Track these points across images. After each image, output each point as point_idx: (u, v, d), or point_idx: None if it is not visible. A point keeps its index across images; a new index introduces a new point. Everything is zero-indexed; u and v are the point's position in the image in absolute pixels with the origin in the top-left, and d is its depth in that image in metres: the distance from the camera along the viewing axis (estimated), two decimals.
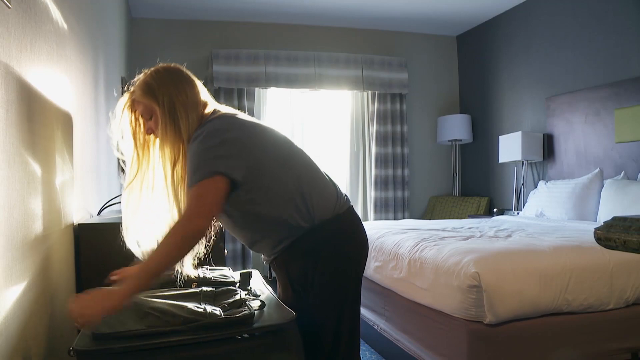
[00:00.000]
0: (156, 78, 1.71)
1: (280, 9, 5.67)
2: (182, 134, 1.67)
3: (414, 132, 6.62)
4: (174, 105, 1.67)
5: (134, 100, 1.74)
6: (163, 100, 1.67)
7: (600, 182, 4.21)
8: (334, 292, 1.72)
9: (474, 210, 6.01)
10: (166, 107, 1.67)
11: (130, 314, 1.31)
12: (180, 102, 1.68)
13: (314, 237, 1.70)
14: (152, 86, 1.69)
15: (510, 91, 5.83)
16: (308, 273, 1.70)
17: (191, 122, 1.68)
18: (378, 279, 3.42)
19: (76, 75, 2.31)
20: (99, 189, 2.95)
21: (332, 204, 1.75)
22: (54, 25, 1.85)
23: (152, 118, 1.71)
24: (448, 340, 2.63)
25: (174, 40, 5.84)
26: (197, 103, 1.73)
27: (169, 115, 1.67)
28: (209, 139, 1.61)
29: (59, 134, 1.87)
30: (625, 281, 2.68)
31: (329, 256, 1.71)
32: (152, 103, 1.69)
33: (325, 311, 1.72)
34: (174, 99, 1.68)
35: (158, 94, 1.68)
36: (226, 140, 1.62)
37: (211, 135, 1.61)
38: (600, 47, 4.56)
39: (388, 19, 6.14)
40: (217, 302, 1.42)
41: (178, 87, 1.71)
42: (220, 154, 1.60)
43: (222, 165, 1.58)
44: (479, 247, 2.79)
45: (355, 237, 1.82)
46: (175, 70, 1.76)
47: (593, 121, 4.56)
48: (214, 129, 1.63)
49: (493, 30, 6.10)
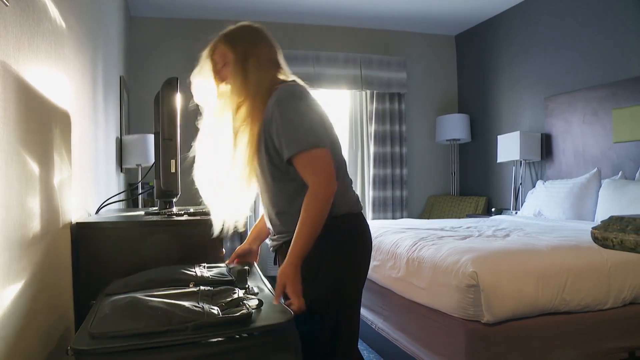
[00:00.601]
0: (237, 30, 1.85)
1: (279, 7, 5.67)
2: (249, 85, 1.76)
3: (412, 132, 6.62)
4: (247, 57, 1.78)
5: (215, 46, 1.85)
6: (239, 50, 1.79)
7: (598, 182, 4.22)
8: (339, 282, 1.74)
9: (472, 210, 6.02)
10: (240, 57, 1.78)
11: (128, 313, 1.31)
12: (255, 56, 1.79)
13: (332, 226, 1.71)
14: (233, 35, 1.83)
15: (509, 91, 5.83)
16: (317, 259, 1.71)
17: (262, 76, 1.78)
18: (376, 278, 3.43)
19: (74, 74, 2.31)
20: (97, 188, 2.94)
21: (353, 201, 1.83)
22: (52, 24, 1.84)
23: (225, 65, 1.82)
24: (446, 339, 2.63)
25: (172, 39, 5.84)
26: (271, 62, 1.84)
27: (241, 65, 1.78)
28: (307, 106, 1.72)
29: (57, 133, 1.87)
30: (622, 281, 2.69)
31: (342, 247, 1.75)
32: (228, 50, 1.80)
33: (328, 299, 1.73)
34: (249, 52, 1.79)
35: (236, 43, 1.80)
36: (320, 112, 1.76)
37: (307, 103, 1.73)
38: (599, 47, 4.56)
39: (387, 19, 6.15)
40: (214, 301, 1.42)
41: (256, 42, 1.83)
42: (322, 125, 1.73)
43: (327, 138, 1.72)
44: (477, 247, 2.80)
45: (366, 238, 1.85)
46: (257, 28, 1.88)
47: (591, 121, 4.57)
48: (304, 97, 1.74)
49: (492, 30, 6.10)
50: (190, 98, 1.94)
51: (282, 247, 1.83)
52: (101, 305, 1.41)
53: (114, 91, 3.94)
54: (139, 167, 4.45)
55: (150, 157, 4.17)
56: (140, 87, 5.51)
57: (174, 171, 2.18)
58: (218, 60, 1.84)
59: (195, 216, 2.17)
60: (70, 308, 2.04)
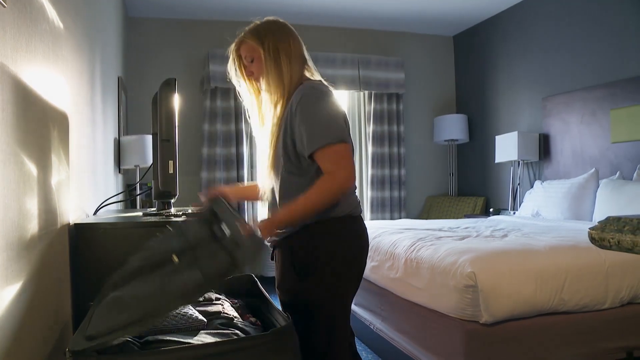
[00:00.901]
0: (264, 24, 1.86)
1: (277, 8, 5.68)
2: (284, 78, 1.78)
3: (410, 132, 6.62)
4: (277, 50, 1.79)
5: (242, 41, 1.86)
6: (268, 44, 1.80)
7: (596, 182, 4.22)
8: (335, 281, 1.74)
9: (470, 210, 6.02)
10: (270, 51, 1.79)
11: (112, 308, 1.30)
12: (284, 49, 1.80)
13: (331, 227, 1.75)
14: (259, 30, 1.83)
15: (507, 91, 5.84)
16: (313, 257, 1.73)
17: (293, 71, 1.80)
18: (374, 279, 3.43)
19: (72, 75, 2.30)
20: (95, 189, 2.94)
21: (355, 205, 1.83)
22: (50, 25, 1.84)
23: (253, 61, 1.83)
24: (444, 339, 2.64)
25: (171, 39, 5.84)
26: (299, 56, 1.85)
27: (273, 59, 1.79)
28: (332, 103, 1.74)
29: (54, 134, 1.87)
30: (620, 281, 2.69)
31: (339, 247, 1.76)
32: (256, 45, 1.81)
33: (323, 297, 1.73)
34: (278, 45, 1.80)
35: (264, 38, 1.81)
36: (343, 113, 1.78)
37: (332, 100, 1.75)
38: (596, 48, 4.57)
39: (385, 19, 6.15)
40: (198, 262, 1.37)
41: (283, 36, 1.83)
42: (343, 123, 1.75)
43: (346, 135, 1.73)
44: (475, 247, 2.80)
45: (363, 240, 1.85)
46: (283, 24, 1.90)
47: (589, 121, 4.57)
48: (329, 95, 1.76)
49: (490, 31, 6.11)
50: (184, 99, 1.94)
51: (280, 244, 1.84)
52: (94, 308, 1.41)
53: (112, 92, 3.94)
54: (137, 168, 4.45)
55: (149, 158, 4.16)
56: (138, 87, 5.51)
57: (172, 172, 2.17)
58: (246, 55, 1.85)
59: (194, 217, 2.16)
60: (68, 309, 2.04)
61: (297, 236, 1.76)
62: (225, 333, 1.33)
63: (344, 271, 1.77)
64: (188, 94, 5.58)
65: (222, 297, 1.67)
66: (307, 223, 1.73)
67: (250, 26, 1.87)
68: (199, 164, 5.73)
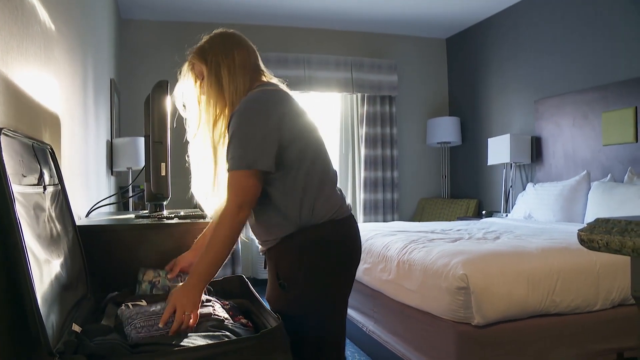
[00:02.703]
0: (209, 41, 1.81)
1: (270, 11, 5.68)
2: (225, 93, 1.74)
3: (403, 135, 6.64)
4: (219, 66, 1.74)
5: (192, 61, 1.82)
6: (210, 61, 1.75)
7: (588, 184, 4.25)
8: (319, 290, 1.69)
9: (463, 212, 6.04)
10: (212, 68, 1.75)
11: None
12: (226, 65, 1.75)
13: (310, 235, 1.68)
14: (203, 48, 1.80)
15: (499, 94, 5.86)
16: (294, 268, 1.68)
17: (237, 83, 1.74)
18: (367, 281, 3.43)
19: (64, 77, 2.30)
20: (87, 191, 2.93)
21: (336, 208, 1.73)
22: (42, 27, 1.84)
23: (203, 79, 1.79)
24: (436, 341, 2.64)
25: (164, 41, 5.83)
26: (245, 67, 1.78)
27: (214, 75, 1.75)
28: (266, 118, 1.64)
29: (46, 136, 1.87)
30: (611, 282, 2.71)
31: (320, 255, 1.69)
32: (201, 64, 1.78)
33: (308, 306, 1.69)
34: (220, 61, 1.75)
35: (207, 55, 1.77)
36: (275, 126, 1.64)
37: (268, 113, 1.65)
38: (588, 51, 4.60)
39: (378, 22, 6.17)
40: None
41: (227, 50, 1.77)
42: (262, 143, 1.62)
43: (265, 158, 1.62)
44: (467, 249, 2.81)
45: (348, 244, 1.78)
46: (228, 35, 1.83)
47: (581, 124, 4.60)
48: (269, 104, 1.67)
49: (482, 33, 6.14)
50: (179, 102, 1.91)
51: (266, 254, 1.81)
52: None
53: (104, 94, 3.93)
54: (129, 170, 4.44)
55: (141, 160, 4.15)
56: (131, 89, 5.50)
57: (164, 174, 2.17)
58: (198, 74, 1.82)
59: (186, 219, 2.16)
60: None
61: (279, 248, 1.72)
62: (216, 335, 1.33)
63: (331, 281, 1.71)
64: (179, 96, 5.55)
65: (212, 298, 1.67)
66: (285, 235, 1.68)
67: (198, 44, 1.83)
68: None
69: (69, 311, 1.40)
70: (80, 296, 1.59)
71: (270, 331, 1.31)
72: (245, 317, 1.61)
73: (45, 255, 1.28)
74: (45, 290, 1.20)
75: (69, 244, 1.59)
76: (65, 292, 1.40)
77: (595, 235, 0.82)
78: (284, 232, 1.69)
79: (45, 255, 1.28)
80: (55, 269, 1.33)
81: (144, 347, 1.24)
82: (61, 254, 1.44)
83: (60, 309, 1.31)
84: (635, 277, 0.80)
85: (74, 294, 1.51)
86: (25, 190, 1.28)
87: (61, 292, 1.34)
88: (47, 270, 1.27)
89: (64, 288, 1.39)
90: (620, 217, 0.82)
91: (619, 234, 0.78)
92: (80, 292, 1.61)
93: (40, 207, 1.38)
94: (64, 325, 1.31)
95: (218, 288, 1.90)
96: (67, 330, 1.29)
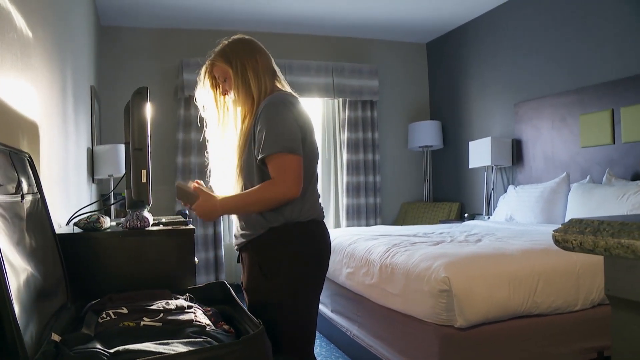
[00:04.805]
0: (230, 45, 1.98)
1: (251, 16, 5.68)
2: (253, 93, 1.92)
3: (384, 139, 6.67)
4: (245, 68, 1.92)
5: (212, 64, 1.99)
6: (235, 64, 1.93)
7: (567, 186, 4.30)
8: (298, 280, 1.85)
9: (445, 216, 6.08)
10: (238, 70, 1.92)
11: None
12: (251, 67, 1.93)
13: (297, 229, 1.86)
14: (226, 52, 1.96)
15: (480, 97, 5.91)
16: (279, 257, 1.85)
17: (262, 84, 1.93)
18: (350, 285, 3.44)
19: (42, 84, 2.28)
20: (67, 200, 2.91)
21: (319, 212, 1.95)
22: (18, 34, 1.82)
23: (226, 80, 1.97)
24: (420, 344, 2.65)
25: (144, 48, 5.81)
26: (267, 69, 1.98)
27: (241, 76, 1.92)
28: (293, 114, 1.84)
29: (24, 144, 1.85)
30: (591, 282, 2.74)
31: (303, 248, 1.87)
32: (225, 66, 1.94)
33: (286, 294, 1.83)
34: (245, 63, 1.93)
35: (231, 58, 1.94)
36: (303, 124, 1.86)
37: (294, 111, 1.85)
38: (566, 54, 4.66)
39: (358, 27, 6.19)
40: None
41: (249, 53, 1.95)
42: (301, 136, 1.83)
43: (299, 147, 1.81)
44: (449, 252, 2.83)
45: (326, 242, 1.97)
46: (249, 40, 2.01)
47: (559, 126, 4.65)
48: (293, 105, 1.87)
49: (462, 38, 6.19)
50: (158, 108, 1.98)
51: (246, 246, 1.93)
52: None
53: (84, 101, 3.90)
54: (111, 178, 4.41)
55: (122, 168, 4.13)
56: (111, 97, 5.47)
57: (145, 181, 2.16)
58: (218, 75, 1.98)
59: (168, 226, 2.16)
60: None
61: (263, 238, 1.87)
62: (197, 342, 1.32)
63: (308, 272, 1.89)
64: (162, 102, 5.55)
65: (194, 305, 1.66)
66: (273, 226, 1.84)
67: (218, 48, 1.99)
68: (174, 173, 5.69)
69: (48, 320, 1.39)
70: (60, 305, 1.58)
71: (252, 337, 1.31)
72: (227, 323, 1.61)
73: (23, 264, 1.27)
74: (23, 300, 1.19)
75: (49, 253, 1.58)
76: (45, 301, 1.38)
77: (569, 236, 0.84)
78: (272, 223, 1.85)
79: (24, 264, 1.27)
80: (33, 278, 1.32)
81: (123, 355, 1.23)
82: (40, 263, 1.43)
83: (39, 318, 1.30)
84: (608, 276, 0.82)
85: (54, 303, 1.50)
86: (3, 199, 1.26)
87: (40, 301, 1.33)
88: (25, 279, 1.26)
89: (43, 297, 1.38)
90: (593, 217, 0.84)
91: (592, 234, 0.79)
92: (60, 300, 1.60)
93: (19, 215, 1.36)
94: (43, 334, 1.29)
95: (200, 295, 1.89)
96: (47, 339, 1.28)
